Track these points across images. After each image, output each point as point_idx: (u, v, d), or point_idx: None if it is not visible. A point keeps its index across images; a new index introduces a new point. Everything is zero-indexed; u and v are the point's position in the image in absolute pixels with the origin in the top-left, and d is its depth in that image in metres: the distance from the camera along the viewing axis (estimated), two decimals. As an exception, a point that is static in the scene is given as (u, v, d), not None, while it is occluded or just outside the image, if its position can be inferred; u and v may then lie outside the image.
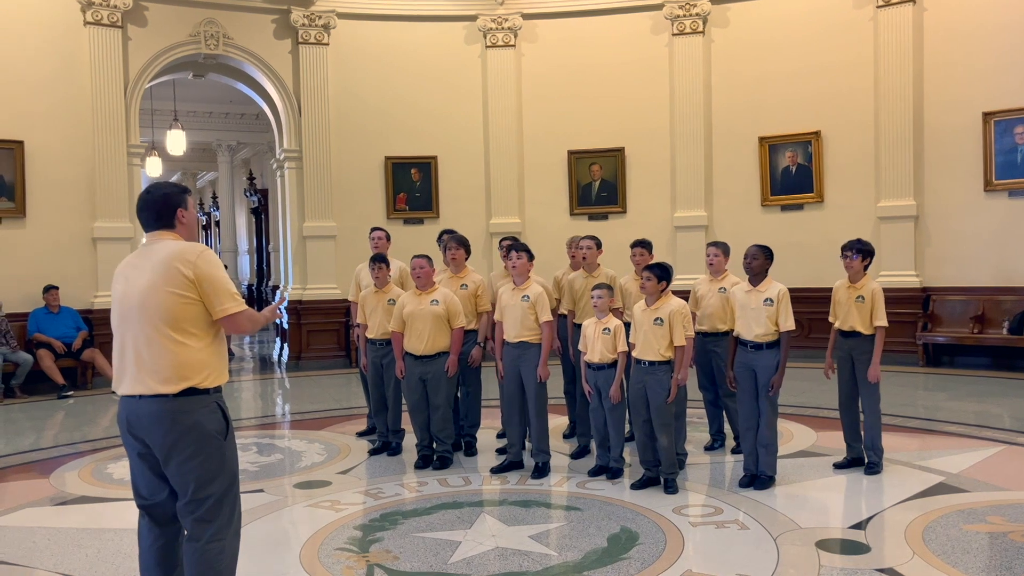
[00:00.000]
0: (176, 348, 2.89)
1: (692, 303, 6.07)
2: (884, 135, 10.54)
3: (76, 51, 10.16)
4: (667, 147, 11.59)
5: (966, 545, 4.18)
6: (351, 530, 4.62)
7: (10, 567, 4.20)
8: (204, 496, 2.95)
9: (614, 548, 4.24)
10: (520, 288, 5.68)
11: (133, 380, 2.93)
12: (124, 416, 2.98)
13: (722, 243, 6.17)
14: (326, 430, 7.37)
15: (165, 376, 2.88)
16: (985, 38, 9.97)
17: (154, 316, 2.89)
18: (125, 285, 2.98)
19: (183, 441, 2.91)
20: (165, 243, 3.00)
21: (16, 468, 6.35)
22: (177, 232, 3.05)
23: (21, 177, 9.85)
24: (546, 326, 5.61)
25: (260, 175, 20.05)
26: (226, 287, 2.97)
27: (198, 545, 2.98)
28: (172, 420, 2.89)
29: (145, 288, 2.91)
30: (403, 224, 11.63)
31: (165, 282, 2.89)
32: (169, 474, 2.97)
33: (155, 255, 2.96)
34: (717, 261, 6.03)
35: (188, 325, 2.91)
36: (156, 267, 2.92)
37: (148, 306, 2.90)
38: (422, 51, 11.74)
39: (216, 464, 2.97)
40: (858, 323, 5.53)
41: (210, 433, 2.95)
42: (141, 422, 2.93)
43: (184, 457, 2.92)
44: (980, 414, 7.44)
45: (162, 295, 2.88)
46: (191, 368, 2.91)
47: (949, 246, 10.32)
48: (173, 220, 3.05)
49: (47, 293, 9.73)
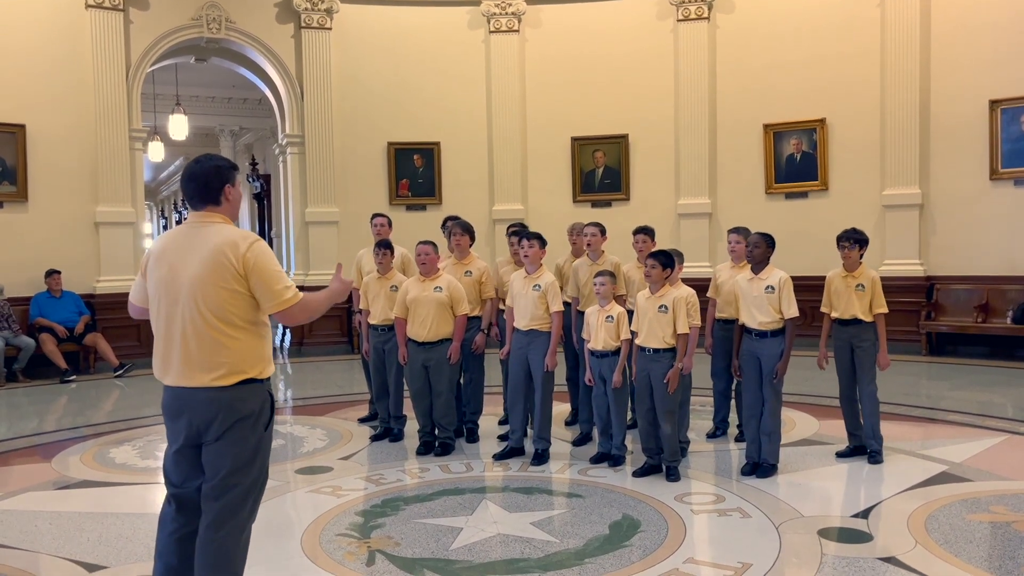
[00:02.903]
0: (229, 343, 2.83)
1: (712, 290, 6.06)
2: (890, 123, 10.47)
3: (77, 35, 10.11)
4: (671, 134, 11.53)
5: (969, 535, 4.17)
6: (352, 516, 4.62)
7: (12, 551, 4.21)
8: (234, 483, 2.88)
9: (616, 535, 4.24)
10: (532, 277, 5.67)
11: (180, 373, 2.86)
12: (169, 404, 2.92)
13: (743, 229, 6.04)
14: (328, 416, 7.37)
15: (220, 373, 2.83)
16: (992, 25, 9.88)
17: (205, 310, 2.81)
18: (170, 271, 2.87)
19: (235, 428, 2.86)
20: (215, 228, 2.89)
21: (18, 452, 6.37)
22: (223, 212, 2.94)
23: (23, 161, 9.82)
24: (556, 316, 5.61)
25: (263, 160, 20.00)
26: (279, 279, 2.87)
27: (217, 535, 2.87)
28: (229, 409, 2.84)
29: (195, 279, 2.81)
30: (406, 210, 11.59)
31: (216, 276, 2.80)
32: (208, 455, 2.89)
33: (204, 241, 2.85)
34: (739, 248, 5.92)
35: (239, 319, 2.84)
36: (206, 258, 2.81)
37: (198, 299, 2.81)
38: (425, 36, 11.67)
39: (252, 453, 2.92)
40: (859, 311, 5.49)
41: (261, 423, 2.92)
42: (194, 409, 2.85)
43: (229, 442, 2.86)
44: (983, 403, 7.42)
45: (213, 289, 2.80)
46: (246, 362, 2.87)
47: (954, 235, 10.27)
48: (220, 196, 2.93)
49: (49, 277, 9.73)
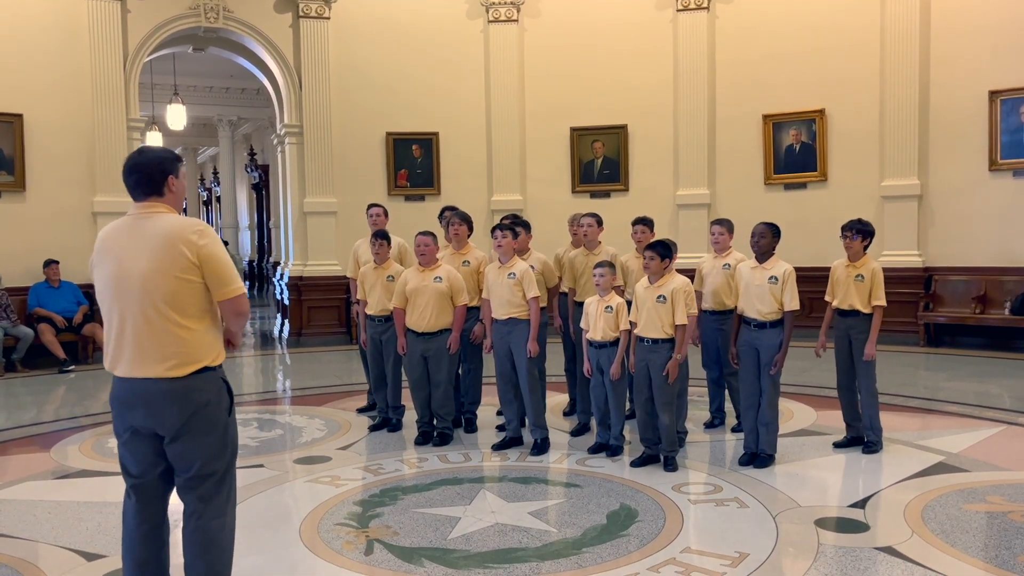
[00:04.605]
0: (182, 332, 2.82)
1: (697, 282, 6.06)
2: (889, 113, 10.45)
3: (75, 24, 10.05)
4: (670, 124, 11.51)
5: (965, 524, 4.19)
6: (351, 505, 4.63)
7: (11, 540, 4.22)
8: (209, 472, 2.91)
9: (613, 525, 4.26)
10: (506, 266, 5.66)
11: (132, 364, 2.84)
12: (121, 395, 2.90)
13: (726, 220, 6.16)
14: (326, 406, 7.38)
15: (173, 363, 2.82)
16: (992, 16, 9.86)
17: (158, 301, 2.79)
18: (118, 266, 2.84)
19: (196, 419, 2.86)
20: (161, 218, 2.86)
21: (17, 442, 6.38)
22: (166, 202, 2.91)
23: (20, 151, 9.79)
24: (533, 302, 5.60)
25: (261, 150, 19.96)
26: (230, 268, 2.88)
27: (201, 522, 2.92)
28: (185, 399, 2.84)
29: (146, 272, 2.79)
30: (404, 201, 11.57)
31: (169, 266, 2.78)
32: (173, 452, 2.89)
33: (152, 233, 2.82)
34: (722, 239, 6.02)
35: (193, 308, 2.83)
36: (156, 249, 2.79)
37: (151, 290, 2.79)
38: (424, 25, 11.61)
39: (222, 441, 2.94)
40: (857, 302, 5.50)
41: (220, 410, 2.92)
42: (149, 402, 2.84)
43: (194, 435, 2.86)
44: (980, 394, 7.43)
45: (165, 280, 2.78)
46: (200, 351, 2.86)
47: (952, 226, 10.27)
48: (163, 187, 2.90)
49: (47, 267, 9.72)
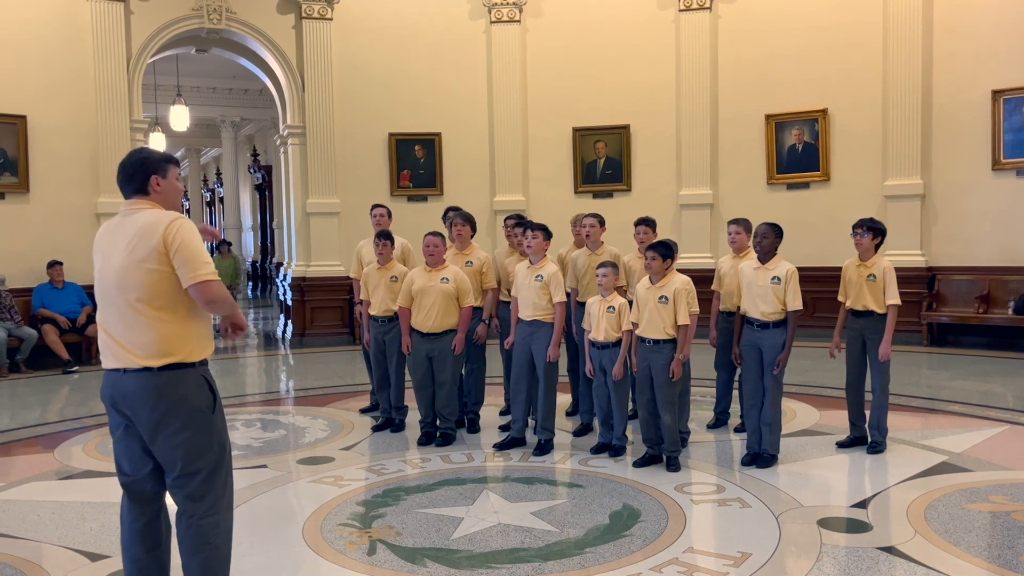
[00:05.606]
0: (155, 324, 2.84)
1: (716, 283, 6.08)
2: (892, 113, 10.44)
3: (78, 25, 10.08)
4: (673, 124, 11.50)
5: (968, 524, 4.18)
6: (354, 506, 4.64)
7: (16, 540, 4.23)
8: (194, 471, 2.92)
9: (616, 525, 4.26)
10: (535, 267, 5.68)
11: (112, 355, 2.90)
12: (108, 391, 2.95)
13: (743, 220, 6.09)
14: (329, 406, 7.39)
15: (147, 352, 2.85)
16: (995, 14, 9.84)
17: (130, 294, 2.83)
18: (103, 261, 2.93)
19: (169, 416, 2.88)
20: (140, 214, 2.91)
21: (22, 442, 6.39)
22: (152, 200, 2.95)
23: (24, 152, 9.82)
24: (559, 306, 5.62)
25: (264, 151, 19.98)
26: (199, 255, 2.85)
27: (192, 521, 2.95)
28: (158, 395, 2.86)
29: (120, 267, 2.85)
30: (407, 201, 11.58)
31: (140, 259, 2.82)
32: (156, 450, 2.93)
33: (130, 228, 2.88)
34: (739, 239, 5.98)
35: (161, 299, 2.84)
36: (130, 243, 2.84)
37: (124, 285, 2.84)
38: (426, 27, 11.62)
39: (204, 438, 2.94)
40: (872, 302, 5.47)
41: (197, 407, 2.92)
42: (126, 397, 2.89)
43: (171, 432, 2.88)
44: (984, 394, 7.42)
45: (138, 273, 2.82)
46: (173, 343, 2.87)
47: (956, 225, 10.25)
48: (147, 187, 2.94)
49: (51, 268, 9.74)
